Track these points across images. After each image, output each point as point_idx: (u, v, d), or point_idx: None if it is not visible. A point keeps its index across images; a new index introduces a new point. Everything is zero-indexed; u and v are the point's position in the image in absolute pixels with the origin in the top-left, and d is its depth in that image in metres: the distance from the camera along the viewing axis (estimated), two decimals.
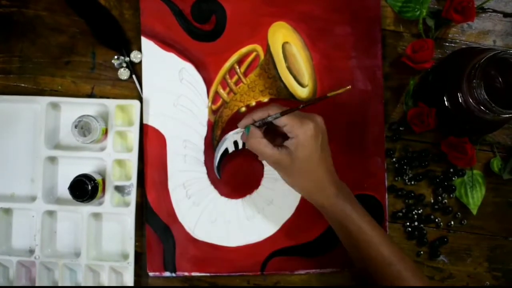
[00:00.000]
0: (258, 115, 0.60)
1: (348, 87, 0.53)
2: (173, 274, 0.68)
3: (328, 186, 0.60)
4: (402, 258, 0.59)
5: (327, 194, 0.60)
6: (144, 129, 0.68)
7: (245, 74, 0.69)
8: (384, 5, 0.71)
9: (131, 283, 0.67)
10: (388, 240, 0.60)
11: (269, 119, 0.59)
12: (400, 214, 0.70)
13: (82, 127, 0.66)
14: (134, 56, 0.69)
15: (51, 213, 0.68)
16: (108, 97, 0.69)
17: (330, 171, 0.60)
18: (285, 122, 0.58)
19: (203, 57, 0.69)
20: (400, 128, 0.70)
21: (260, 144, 0.59)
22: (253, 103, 0.69)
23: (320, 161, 0.58)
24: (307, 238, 0.68)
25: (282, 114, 0.58)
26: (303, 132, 0.57)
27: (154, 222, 0.68)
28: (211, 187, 0.69)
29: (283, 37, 0.69)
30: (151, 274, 0.68)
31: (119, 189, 0.68)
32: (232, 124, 0.68)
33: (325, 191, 0.60)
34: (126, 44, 0.69)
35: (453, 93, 0.62)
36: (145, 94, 0.69)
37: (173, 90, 0.69)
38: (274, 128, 0.61)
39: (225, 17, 0.69)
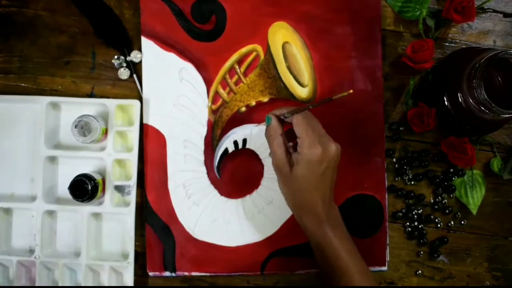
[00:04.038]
0: (283, 111, 0.59)
1: (350, 91, 0.53)
2: (173, 274, 0.68)
3: (318, 212, 0.58)
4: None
5: (313, 218, 0.59)
6: (144, 129, 0.68)
7: (245, 74, 0.69)
8: (384, 5, 0.71)
9: (131, 283, 0.67)
10: (364, 271, 0.59)
11: (282, 117, 0.59)
12: (400, 214, 0.70)
13: (82, 127, 0.66)
14: (134, 56, 0.69)
15: (51, 213, 0.68)
16: (108, 97, 0.69)
17: (324, 198, 0.58)
18: (299, 133, 0.57)
19: (203, 57, 0.69)
20: (400, 128, 0.70)
21: (275, 140, 0.59)
22: (253, 103, 0.69)
23: (317, 186, 0.58)
24: (307, 238, 0.68)
25: (291, 113, 0.57)
26: (308, 153, 0.56)
27: (154, 222, 0.68)
28: (211, 187, 0.69)
29: (283, 37, 0.69)
30: (151, 274, 0.68)
31: (119, 189, 0.68)
32: (232, 124, 0.68)
33: (313, 216, 0.59)
34: (128, 44, 0.69)
35: (453, 93, 0.62)
36: (145, 94, 0.69)
37: (173, 90, 0.69)
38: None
39: (225, 17, 0.69)
